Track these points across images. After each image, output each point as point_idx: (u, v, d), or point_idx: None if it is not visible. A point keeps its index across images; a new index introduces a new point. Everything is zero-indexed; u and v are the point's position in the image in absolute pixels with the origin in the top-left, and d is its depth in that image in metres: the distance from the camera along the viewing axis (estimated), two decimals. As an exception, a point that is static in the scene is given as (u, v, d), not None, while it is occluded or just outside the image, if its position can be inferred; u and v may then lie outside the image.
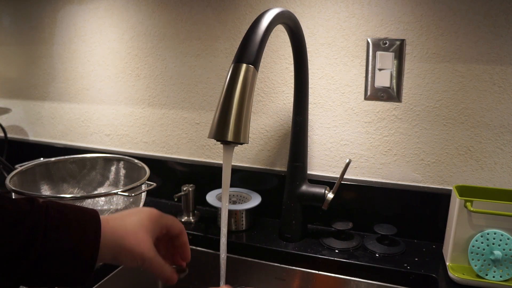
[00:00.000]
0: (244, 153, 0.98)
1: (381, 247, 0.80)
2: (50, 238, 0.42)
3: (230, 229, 0.88)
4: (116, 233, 0.47)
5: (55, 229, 0.42)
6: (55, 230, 0.42)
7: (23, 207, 0.42)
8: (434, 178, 0.84)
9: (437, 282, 0.71)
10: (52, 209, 0.44)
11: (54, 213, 0.43)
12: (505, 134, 0.78)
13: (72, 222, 0.44)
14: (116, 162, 0.96)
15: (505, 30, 0.75)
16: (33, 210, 0.43)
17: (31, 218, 0.42)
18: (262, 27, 0.57)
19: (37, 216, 0.42)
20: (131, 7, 1.01)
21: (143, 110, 1.06)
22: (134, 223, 0.49)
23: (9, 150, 1.14)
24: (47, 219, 0.42)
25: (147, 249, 0.48)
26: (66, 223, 0.43)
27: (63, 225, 0.43)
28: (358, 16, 0.82)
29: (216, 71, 0.96)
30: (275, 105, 0.93)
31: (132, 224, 0.49)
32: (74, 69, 1.12)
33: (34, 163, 0.90)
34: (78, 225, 0.44)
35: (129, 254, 0.47)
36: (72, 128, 1.16)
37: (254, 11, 0.90)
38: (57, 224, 0.43)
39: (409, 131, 0.84)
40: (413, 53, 0.81)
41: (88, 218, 0.46)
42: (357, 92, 0.86)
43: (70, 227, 0.43)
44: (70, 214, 0.45)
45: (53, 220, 0.43)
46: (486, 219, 0.68)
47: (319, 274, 0.79)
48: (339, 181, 0.79)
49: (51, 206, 0.44)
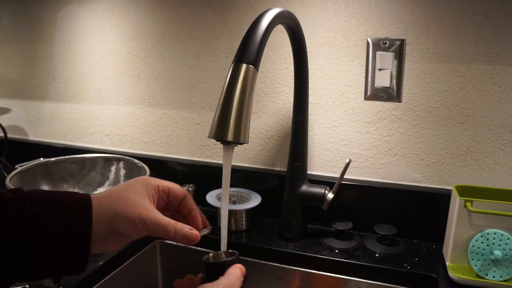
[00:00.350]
0: (244, 153, 0.98)
1: (381, 247, 0.80)
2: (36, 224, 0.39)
3: (230, 229, 0.88)
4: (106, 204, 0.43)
5: (40, 214, 0.40)
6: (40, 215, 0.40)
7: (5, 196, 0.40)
8: (434, 178, 0.84)
9: (437, 282, 0.71)
10: (35, 195, 0.41)
11: (38, 199, 0.41)
12: (505, 134, 0.78)
13: (57, 205, 0.41)
14: (116, 162, 0.96)
15: (505, 30, 0.75)
16: (15, 198, 0.40)
17: (13, 206, 0.39)
18: (262, 27, 0.57)
19: (20, 203, 0.40)
20: (131, 7, 1.01)
21: (143, 110, 1.06)
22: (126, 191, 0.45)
23: (9, 150, 1.14)
24: (31, 206, 0.40)
25: (144, 209, 0.43)
26: (52, 207, 0.41)
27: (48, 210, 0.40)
28: (358, 16, 0.82)
29: (216, 71, 0.96)
30: (275, 105, 0.93)
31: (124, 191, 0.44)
32: (74, 69, 1.12)
33: (34, 163, 0.90)
34: (64, 208, 0.41)
35: (126, 220, 0.42)
36: (72, 128, 1.16)
37: (254, 11, 0.90)
38: (41, 209, 0.40)
39: (409, 131, 0.84)
40: (413, 53, 0.81)
41: (75, 199, 0.42)
42: (357, 92, 0.86)
43: (55, 210, 0.41)
44: (55, 197, 0.42)
45: (36, 205, 0.40)
46: (486, 219, 0.68)
47: (319, 274, 0.79)
48: (339, 181, 0.79)
49: (34, 193, 0.42)
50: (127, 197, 0.44)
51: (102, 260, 0.77)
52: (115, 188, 0.45)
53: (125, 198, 0.44)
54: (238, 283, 0.45)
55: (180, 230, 0.45)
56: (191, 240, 0.46)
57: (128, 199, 0.43)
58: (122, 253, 0.81)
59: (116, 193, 0.44)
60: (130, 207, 0.43)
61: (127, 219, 0.42)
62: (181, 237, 0.45)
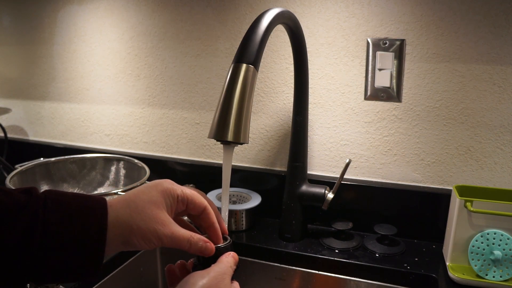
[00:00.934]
0: (244, 153, 0.98)
1: (381, 247, 0.80)
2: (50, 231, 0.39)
3: (230, 229, 0.88)
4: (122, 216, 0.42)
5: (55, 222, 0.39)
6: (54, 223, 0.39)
7: (19, 200, 0.40)
8: (434, 178, 0.84)
9: (437, 282, 0.71)
10: (50, 201, 0.40)
11: (53, 205, 0.40)
12: (505, 134, 0.78)
13: (73, 212, 0.40)
14: (116, 162, 0.96)
15: (505, 30, 0.75)
16: (30, 203, 0.40)
17: (28, 212, 0.39)
18: (262, 27, 0.57)
19: (34, 209, 0.39)
20: (131, 7, 1.01)
21: (143, 110, 1.06)
22: (143, 200, 0.43)
23: (9, 150, 1.14)
24: (45, 212, 0.39)
25: (160, 224, 0.42)
26: (66, 214, 0.40)
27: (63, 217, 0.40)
28: (358, 16, 0.82)
29: (216, 71, 0.96)
30: (275, 105, 0.93)
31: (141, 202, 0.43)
32: (74, 69, 1.12)
33: (34, 163, 0.90)
34: (80, 216, 0.40)
35: (141, 235, 0.42)
36: (72, 128, 1.16)
37: (254, 11, 0.90)
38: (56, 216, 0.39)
39: (409, 131, 0.84)
40: (413, 53, 0.81)
41: (91, 205, 0.41)
42: (357, 92, 0.86)
43: (71, 218, 0.40)
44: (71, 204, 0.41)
45: (51, 212, 0.39)
46: (486, 219, 0.68)
47: (319, 274, 0.79)
48: (339, 181, 0.79)
49: (49, 197, 0.41)
50: (143, 210, 0.42)
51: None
52: (133, 196, 0.44)
53: (141, 211, 0.42)
54: (230, 271, 0.45)
55: (196, 244, 0.45)
56: (206, 253, 0.45)
57: (144, 213, 0.42)
58: (122, 253, 0.81)
59: (133, 204, 0.43)
60: (146, 222, 0.42)
61: (142, 235, 0.42)
62: (195, 250, 0.45)
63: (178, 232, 0.44)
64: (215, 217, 0.48)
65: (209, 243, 0.46)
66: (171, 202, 0.45)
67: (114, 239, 0.41)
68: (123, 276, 0.81)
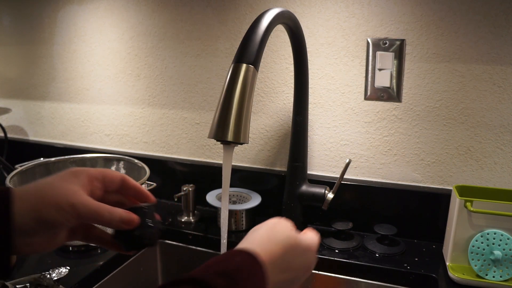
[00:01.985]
0: (244, 153, 0.98)
1: (381, 247, 0.80)
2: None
3: (230, 229, 0.88)
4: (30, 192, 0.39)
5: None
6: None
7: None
8: (434, 178, 0.84)
9: (437, 282, 0.71)
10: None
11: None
12: (505, 134, 0.78)
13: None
14: (116, 162, 0.96)
15: (505, 30, 0.75)
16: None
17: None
18: (262, 27, 0.57)
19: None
20: (131, 7, 1.01)
21: (143, 110, 1.06)
22: (53, 178, 0.41)
23: (9, 150, 1.14)
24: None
25: (72, 192, 0.39)
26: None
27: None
28: (358, 16, 0.82)
29: (216, 71, 0.96)
30: (275, 105, 0.93)
31: (51, 179, 0.41)
32: (74, 69, 1.12)
33: (34, 163, 0.90)
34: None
35: (53, 204, 0.38)
36: (72, 128, 1.16)
37: (254, 11, 0.90)
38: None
39: (409, 131, 0.84)
40: (413, 53, 0.81)
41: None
42: (357, 92, 0.86)
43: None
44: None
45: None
46: (486, 219, 0.68)
47: (319, 274, 0.79)
48: (339, 181, 0.79)
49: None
50: (53, 184, 0.40)
51: (102, 260, 0.77)
52: (42, 179, 0.41)
53: (52, 184, 0.40)
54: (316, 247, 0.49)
55: (115, 211, 0.41)
56: (129, 221, 0.42)
57: (54, 186, 0.40)
58: (122, 253, 0.81)
59: (43, 181, 0.41)
60: (57, 191, 0.39)
61: (54, 204, 0.38)
62: (117, 220, 0.41)
63: (94, 201, 0.41)
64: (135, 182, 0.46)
65: (130, 213, 0.42)
66: (84, 181, 0.42)
67: (24, 216, 0.38)
68: (123, 276, 0.81)
